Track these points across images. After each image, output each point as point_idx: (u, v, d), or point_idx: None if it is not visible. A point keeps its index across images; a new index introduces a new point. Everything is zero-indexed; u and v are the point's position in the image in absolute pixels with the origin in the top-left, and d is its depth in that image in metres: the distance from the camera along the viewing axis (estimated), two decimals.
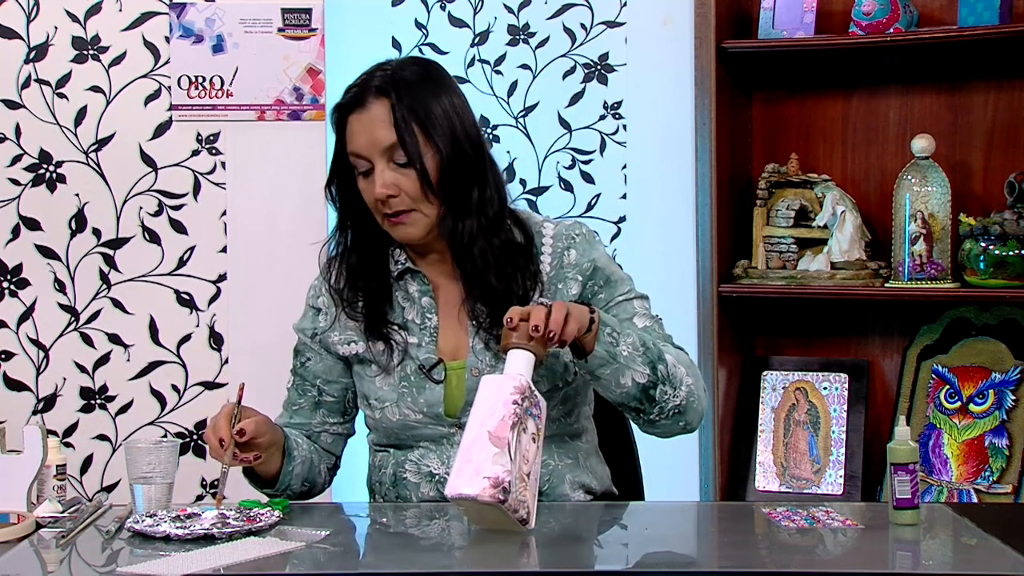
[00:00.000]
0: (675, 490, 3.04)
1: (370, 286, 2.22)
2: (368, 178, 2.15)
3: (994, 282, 2.96)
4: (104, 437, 3.17)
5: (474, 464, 1.84)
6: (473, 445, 1.86)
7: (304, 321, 2.30)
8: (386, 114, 2.13)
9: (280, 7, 3.16)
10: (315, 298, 2.30)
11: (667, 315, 2.26)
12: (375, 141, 2.13)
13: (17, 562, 1.85)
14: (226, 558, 1.80)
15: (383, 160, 2.13)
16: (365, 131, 2.14)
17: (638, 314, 2.20)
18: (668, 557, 1.98)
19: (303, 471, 2.21)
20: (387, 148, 2.13)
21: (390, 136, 2.13)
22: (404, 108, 2.13)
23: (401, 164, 2.13)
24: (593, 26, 3.36)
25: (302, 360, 2.30)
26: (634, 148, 3.37)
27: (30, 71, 3.13)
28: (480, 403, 1.90)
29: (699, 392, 2.13)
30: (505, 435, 1.85)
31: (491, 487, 1.81)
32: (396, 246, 2.24)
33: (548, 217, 2.31)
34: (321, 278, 2.30)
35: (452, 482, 1.85)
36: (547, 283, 2.21)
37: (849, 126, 3.25)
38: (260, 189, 3.18)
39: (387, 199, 2.13)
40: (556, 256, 2.22)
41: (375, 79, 2.17)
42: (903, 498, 1.94)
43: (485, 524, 1.90)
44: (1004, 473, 2.98)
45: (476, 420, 1.88)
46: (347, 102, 2.17)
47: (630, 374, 2.03)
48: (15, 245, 3.15)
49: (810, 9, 3.15)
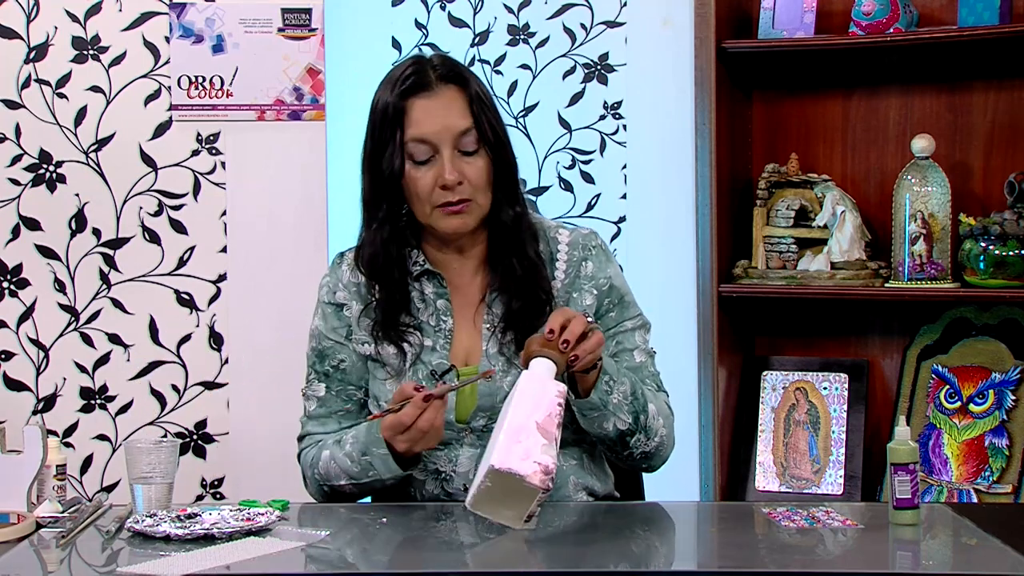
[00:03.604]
0: (675, 490, 3.03)
1: (392, 281, 2.18)
2: (427, 165, 2.13)
3: (994, 282, 2.96)
4: (104, 437, 3.18)
5: (523, 446, 1.82)
6: (521, 430, 1.84)
7: (328, 320, 2.24)
8: (460, 100, 2.14)
9: (280, 7, 3.16)
10: (332, 294, 2.25)
11: (667, 315, 2.28)
12: (449, 127, 2.12)
13: (17, 562, 1.85)
14: (226, 558, 1.80)
15: (450, 147, 2.12)
16: (437, 116, 2.13)
17: (639, 348, 2.24)
18: (668, 557, 1.98)
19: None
20: (459, 134, 2.12)
21: (464, 122, 2.13)
22: (477, 96, 2.15)
23: (467, 152, 2.13)
24: (593, 26, 3.36)
25: (334, 363, 2.23)
26: (634, 148, 3.37)
27: (30, 71, 3.13)
28: (525, 394, 1.89)
29: (669, 442, 2.20)
30: (552, 430, 1.86)
31: (542, 473, 1.81)
32: (413, 247, 2.23)
33: (561, 223, 2.32)
34: (334, 274, 2.26)
35: (500, 456, 1.81)
36: (560, 290, 2.21)
37: (849, 126, 3.25)
38: (260, 189, 3.18)
39: (454, 186, 2.12)
40: (572, 265, 2.23)
41: (435, 68, 2.16)
42: (903, 498, 1.94)
43: (483, 510, 1.86)
44: (1004, 473, 2.98)
45: (522, 409, 1.87)
46: (411, 86, 2.13)
47: (614, 420, 2.09)
48: (15, 245, 3.15)
49: (810, 9, 3.15)
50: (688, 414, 3.08)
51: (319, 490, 2.21)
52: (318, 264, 3.03)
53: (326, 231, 3.18)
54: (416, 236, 2.22)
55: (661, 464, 2.23)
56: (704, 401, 3.16)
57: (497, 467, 1.81)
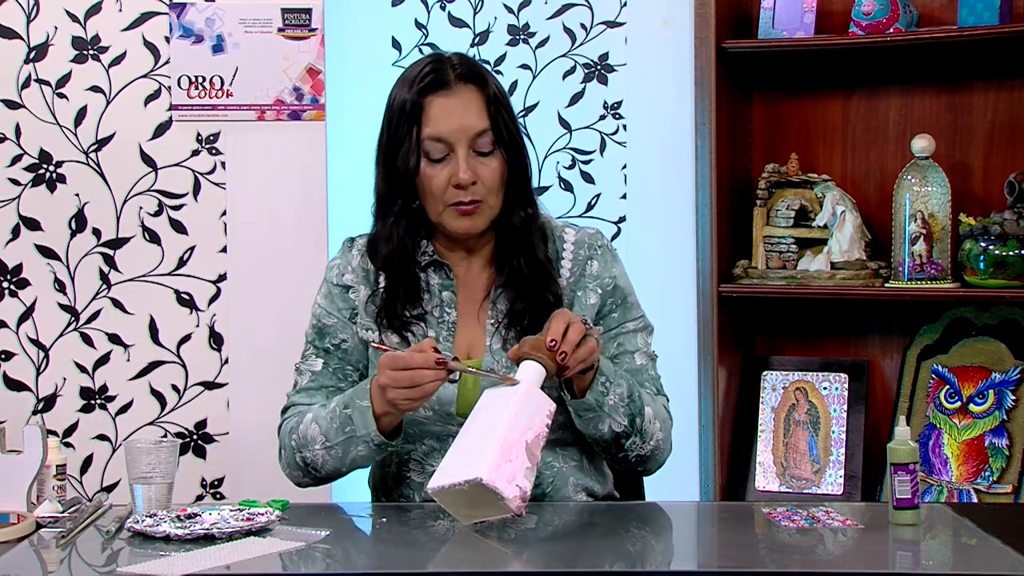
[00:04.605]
0: (675, 490, 3.04)
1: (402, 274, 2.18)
2: (442, 163, 2.13)
3: (994, 282, 2.96)
4: (104, 437, 3.17)
5: (512, 467, 1.85)
6: (513, 448, 1.87)
7: (334, 300, 2.24)
8: (478, 100, 2.14)
9: (280, 7, 3.16)
10: (340, 276, 2.25)
11: (667, 315, 2.28)
12: (465, 127, 2.12)
13: (17, 562, 1.85)
14: (226, 558, 1.80)
15: (466, 146, 2.12)
16: (455, 115, 2.13)
17: (640, 350, 2.24)
18: (668, 557, 1.98)
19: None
20: (476, 134, 2.13)
21: (481, 123, 2.13)
22: (495, 97, 2.15)
23: (483, 152, 2.14)
24: (593, 26, 3.36)
25: (335, 342, 2.23)
26: (634, 148, 3.37)
27: (30, 71, 3.13)
28: (522, 409, 1.92)
29: (666, 447, 2.20)
30: (537, 453, 1.90)
31: (520, 499, 1.85)
32: (423, 237, 2.22)
33: (567, 222, 2.32)
34: (344, 257, 2.26)
35: (489, 471, 1.83)
36: (565, 289, 2.22)
37: (849, 126, 3.25)
38: (260, 189, 3.18)
39: (468, 185, 2.12)
40: (578, 264, 2.23)
41: (454, 67, 2.16)
42: (903, 498, 1.94)
43: (444, 501, 1.88)
44: (1004, 473, 2.98)
45: (518, 424, 1.90)
46: (429, 84, 2.13)
47: (609, 422, 2.10)
48: (15, 245, 3.15)
49: (810, 9, 3.15)
50: (688, 414, 3.08)
51: (292, 460, 2.18)
52: (318, 264, 3.02)
53: (326, 231, 3.18)
54: (427, 229, 2.23)
55: (657, 468, 2.23)
56: (704, 401, 3.16)
57: (485, 482, 1.83)
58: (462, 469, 1.85)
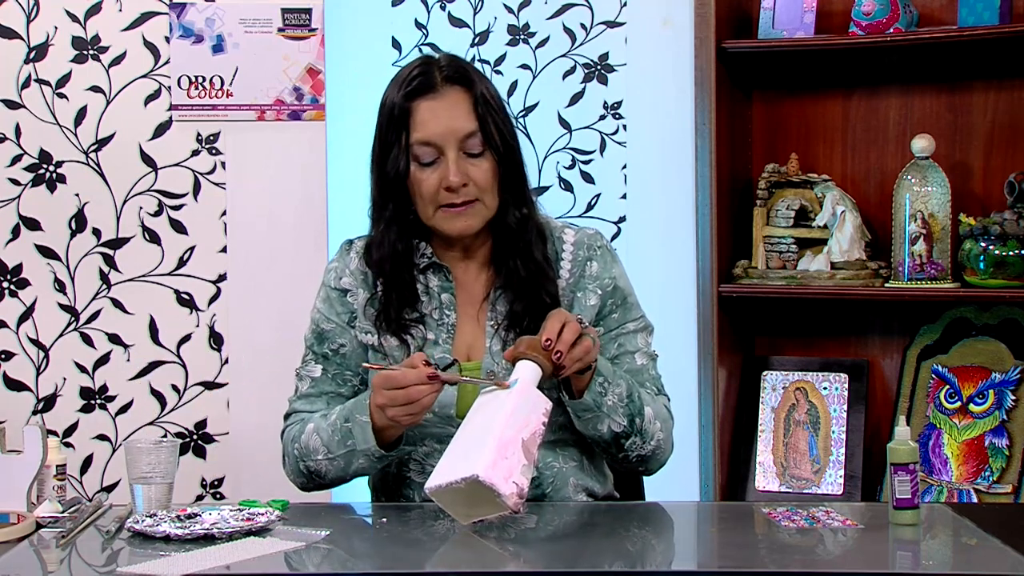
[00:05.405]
0: (675, 490, 3.04)
1: (399, 280, 2.18)
2: (431, 167, 2.13)
3: (994, 282, 2.96)
4: (104, 437, 3.17)
5: (508, 464, 1.85)
6: (509, 445, 1.87)
7: (332, 305, 2.24)
8: (465, 102, 2.14)
9: (280, 7, 3.16)
10: (337, 279, 2.25)
11: (667, 315, 2.28)
12: (453, 129, 2.12)
13: (17, 562, 1.85)
14: (226, 558, 1.80)
15: (455, 149, 2.12)
16: (442, 118, 2.12)
17: (640, 351, 2.24)
18: (668, 557, 1.98)
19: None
20: (464, 137, 2.12)
21: (469, 125, 2.13)
22: (483, 98, 2.14)
23: (473, 154, 2.13)
24: (593, 26, 3.36)
25: (333, 347, 2.23)
26: (634, 148, 3.37)
27: (30, 71, 3.13)
28: (519, 407, 1.92)
29: (667, 447, 2.20)
30: (533, 451, 1.90)
31: (517, 496, 1.85)
32: (421, 239, 2.22)
33: (567, 223, 2.31)
34: (342, 260, 2.26)
35: (486, 468, 1.83)
36: (565, 289, 2.21)
37: (849, 126, 3.25)
38: (260, 189, 3.18)
39: (458, 188, 2.12)
40: (577, 264, 2.23)
41: (441, 69, 2.15)
42: (903, 498, 1.94)
43: (442, 500, 1.89)
44: (1004, 473, 2.98)
45: (514, 422, 1.90)
46: (416, 88, 2.13)
47: (608, 422, 2.10)
48: (15, 245, 3.15)
49: (810, 9, 3.15)
50: (688, 414, 3.08)
51: (296, 468, 2.19)
52: (318, 264, 3.02)
53: (326, 231, 3.18)
54: (424, 231, 2.22)
55: (658, 468, 2.23)
56: (704, 401, 3.16)
57: (482, 479, 1.83)
58: (459, 468, 1.85)
